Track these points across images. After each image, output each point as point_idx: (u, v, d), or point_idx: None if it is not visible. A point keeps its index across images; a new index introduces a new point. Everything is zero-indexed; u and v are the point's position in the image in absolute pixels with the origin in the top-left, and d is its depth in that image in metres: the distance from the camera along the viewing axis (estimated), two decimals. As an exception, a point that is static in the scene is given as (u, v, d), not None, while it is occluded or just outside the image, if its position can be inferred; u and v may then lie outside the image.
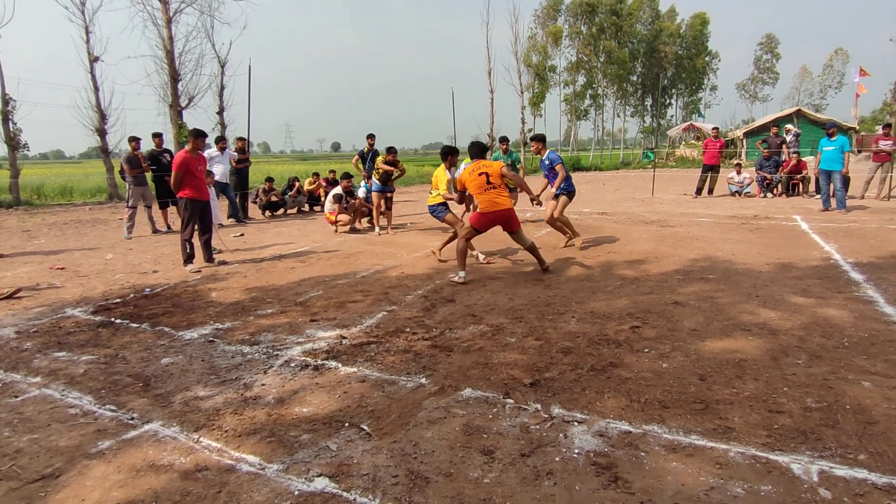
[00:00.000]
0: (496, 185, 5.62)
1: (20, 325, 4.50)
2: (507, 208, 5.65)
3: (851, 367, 3.21)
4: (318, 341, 3.94)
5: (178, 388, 3.19)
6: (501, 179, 5.66)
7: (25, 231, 10.36)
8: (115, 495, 2.18)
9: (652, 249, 7.02)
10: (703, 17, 45.53)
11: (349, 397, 3.02)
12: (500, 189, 5.65)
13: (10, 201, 15.09)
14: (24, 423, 2.82)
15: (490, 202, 5.62)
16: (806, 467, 2.23)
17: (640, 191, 15.89)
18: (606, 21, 37.98)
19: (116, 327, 4.41)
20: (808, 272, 5.58)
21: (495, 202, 5.62)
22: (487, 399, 2.95)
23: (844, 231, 8.05)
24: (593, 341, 3.76)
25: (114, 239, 9.16)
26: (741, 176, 13.85)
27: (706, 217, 10.05)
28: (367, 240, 8.47)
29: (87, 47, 16.42)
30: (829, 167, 10.42)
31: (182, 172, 6.26)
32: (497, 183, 5.63)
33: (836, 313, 4.23)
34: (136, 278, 6.15)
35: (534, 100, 33.87)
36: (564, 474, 2.23)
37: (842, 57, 53.97)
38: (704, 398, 2.88)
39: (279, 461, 2.39)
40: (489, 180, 5.62)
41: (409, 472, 2.28)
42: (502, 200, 5.64)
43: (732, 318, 4.17)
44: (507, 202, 5.67)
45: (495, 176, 5.65)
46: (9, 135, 15.29)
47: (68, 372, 3.48)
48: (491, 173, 5.65)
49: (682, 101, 49.54)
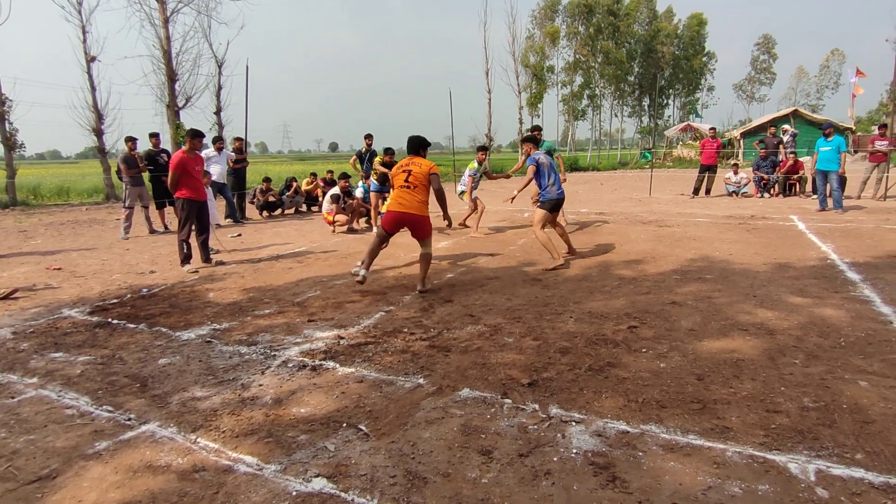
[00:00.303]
0: (413, 186, 5.20)
1: (17, 325, 4.48)
2: (410, 212, 5.19)
3: (848, 367, 3.22)
4: (315, 342, 3.93)
5: (175, 389, 3.19)
6: (425, 182, 5.21)
7: (22, 231, 10.32)
8: (112, 496, 2.17)
9: (649, 249, 7.03)
10: (700, 18, 45.65)
11: (347, 398, 3.01)
12: (416, 192, 5.20)
13: (7, 201, 15.05)
14: (20, 423, 2.81)
15: (396, 201, 5.26)
16: (803, 467, 2.24)
17: (638, 191, 15.91)
18: (604, 21, 38.05)
19: (113, 328, 4.39)
20: (805, 272, 5.59)
21: (401, 203, 5.21)
22: (485, 399, 2.95)
23: (841, 231, 8.08)
24: (591, 341, 3.77)
25: (111, 239, 9.14)
26: (738, 176, 13.88)
27: (703, 217, 10.07)
28: (365, 240, 8.45)
29: (83, 47, 16.39)
30: (826, 167, 10.46)
31: (179, 173, 6.24)
32: (415, 183, 5.20)
33: (832, 313, 4.24)
34: (134, 279, 6.14)
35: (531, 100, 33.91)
36: (562, 474, 2.24)
37: (838, 57, 54.21)
38: (702, 398, 2.88)
39: (277, 462, 2.39)
40: (408, 179, 5.22)
41: (406, 472, 2.28)
42: (410, 203, 5.18)
43: (730, 318, 4.18)
44: (416, 206, 5.19)
45: (417, 176, 5.22)
46: (5, 135, 15.25)
47: (65, 373, 3.47)
48: (414, 172, 5.23)
49: (679, 101, 49.65)
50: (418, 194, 5.21)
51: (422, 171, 5.22)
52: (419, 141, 5.50)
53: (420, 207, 5.21)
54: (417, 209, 5.20)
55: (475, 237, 8.46)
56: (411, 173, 5.23)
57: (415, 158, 5.36)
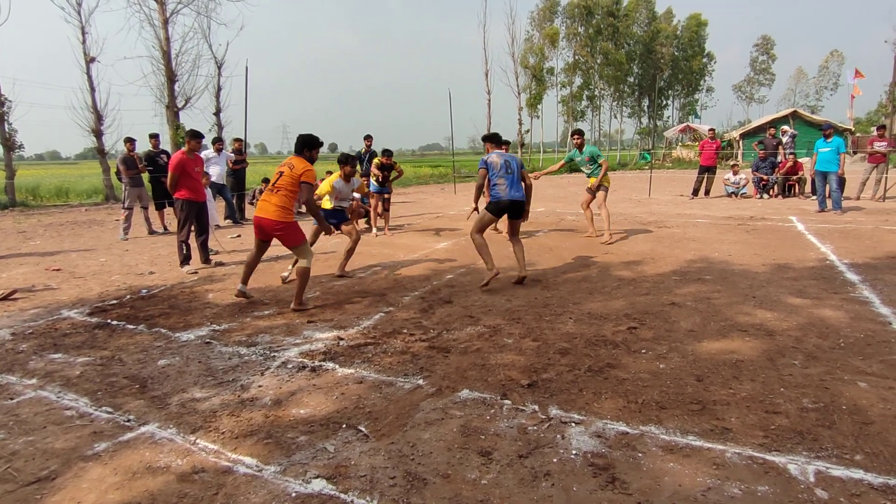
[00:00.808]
0: (276, 190, 4.74)
1: (16, 326, 4.48)
2: (265, 217, 4.74)
3: (847, 368, 3.22)
4: (315, 342, 3.93)
5: (174, 390, 3.18)
6: (293, 187, 4.72)
7: (21, 232, 10.31)
8: (111, 498, 2.17)
9: (649, 250, 7.03)
10: (698, 19, 45.75)
11: (346, 399, 3.01)
12: (278, 196, 4.73)
13: (6, 202, 15.04)
14: (19, 425, 2.80)
15: (258, 204, 4.87)
16: (802, 468, 2.24)
17: (637, 192, 15.93)
18: (603, 22, 38.11)
19: (113, 329, 4.39)
20: (804, 273, 5.60)
21: (260, 206, 4.81)
22: (485, 400, 2.95)
23: (840, 232, 8.09)
24: (590, 342, 3.77)
25: (110, 240, 9.13)
26: (737, 177, 13.90)
27: (703, 218, 10.08)
28: (365, 241, 8.46)
29: (83, 48, 16.42)
30: (825, 168, 10.47)
31: (178, 174, 6.24)
32: (280, 187, 4.73)
33: (832, 314, 4.24)
34: (133, 279, 6.13)
35: (531, 101, 33.96)
36: (562, 475, 2.24)
37: (837, 59, 54.35)
38: (701, 399, 2.88)
39: (276, 463, 2.39)
40: (276, 182, 4.79)
41: (406, 473, 2.28)
42: (266, 207, 4.75)
43: (729, 319, 4.18)
44: (272, 210, 4.72)
45: (286, 179, 4.73)
46: (4, 136, 15.25)
47: (64, 374, 3.46)
48: (285, 175, 4.75)
49: (678, 102, 49.75)
50: (280, 199, 4.72)
51: (293, 174, 4.72)
52: (303, 140, 4.93)
53: (277, 212, 4.71)
54: (273, 214, 4.70)
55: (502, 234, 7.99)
56: (282, 175, 4.78)
57: (293, 160, 4.85)
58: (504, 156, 5.53)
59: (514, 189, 5.41)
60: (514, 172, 5.45)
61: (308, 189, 4.70)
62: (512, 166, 5.45)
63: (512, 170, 5.44)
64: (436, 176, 25.98)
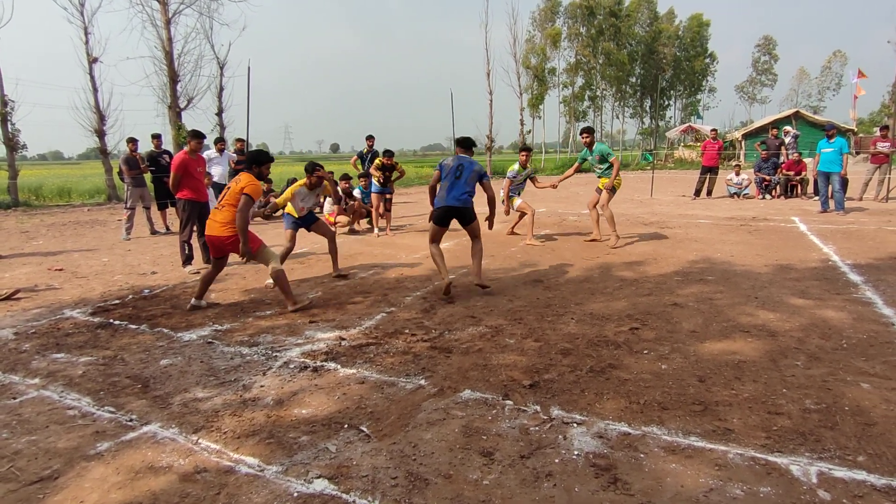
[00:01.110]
0: (222, 206, 4.67)
1: (18, 326, 4.49)
2: (211, 234, 4.69)
3: (850, 369, 3.22)
4: (317, 343, 3.94)
5: (176, 390, 3.19)
6: (235, 201, 4.59)
7: (24, 232, 10.34)
8: (113, 497, 2.17)
9: (651, 251, 7.02)
10: (700, 19, 45.69)
11: (348, 399, 3.01)
12: (223, 211, 4.65)
13: (9, 202, 15.08)
14: (22, 424, 2.81)
15: (207, 224, 4.80)
16: (805, 469, 2.24)
17: (639, 192, 15.90)
18: (605, 23, 38.08)
19: (115, 328, 4.40)
20: (806, 274, 5.59)
21: (209, 225, 4.74)
22: (487, 400, 2.94)
23: (843, 232, 8.07)
24: (592, 343, 3.77)
25: (112, 240, 9.15)
26: (740, 177, 13.88)
27: (705, 219, 10.07)
28: (366, 241, 8.47)
29: (86, 48, 16.45)
30: (828, 169, 10.46)
31: (181, 174, 6.25)
32: (226, 202, 4.65)
33: (834, 315, 4.23)
34: (135, 279, 6.14)
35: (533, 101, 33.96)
36: (564, 476, 2.23)
37: (840, 59, 54.28)
38: (703, 400, 2.88)
39: (278, 463, 2.39)
40: (222, 199, 4.71)
41: (408, 473, 2.28)
42: (212, 224, 4.70)
43: (731, 320, 4.18)
44: (216, 227, 4.66)
45: (231, 194, 4.65)
46: (7, 136, 15.29)
47: (67, 373, 3.47)
48: (232, 189, 4.66)
49: (680, 102, 49.69)
50: (224, 215, 4.64)
51: (236, 188, 4.62)
52: (252, 157, 4.91)
53: (223, 228, 4.63)
54: (219, 230, 4.65)
55: (530, 245, 7.67)
56: (228, 191, 4.70)
57: (241, 175, 4.75)
58: (460, 160, 5.25)
59: (452, 194, 5.15)
60: (462, 178, 5.13)
61: (245, 201, 4.54)
62: (463, 171, 5.15)
63: (460, 175, 5.14)
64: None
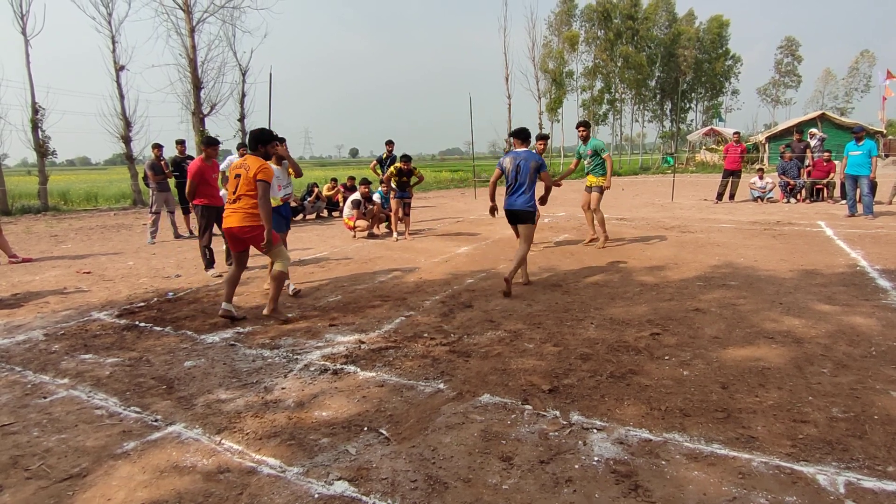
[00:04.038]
0: (239, 197, 4.52)
1: (48, 327, 4.62)
2: (236, 225, 4.54)
3: (879, 377, 3.14)
4: (337, 346, 3.97)
5: (200, 391, 3.25)
6: (252, 187, 4.46)
7: (53, 236, 10.63)
8: (139, 495, 2.22)
9: (672, 255, 6.94)
10: (720, 20, 45.02)
11: (368, 402, 3.04)
12: (242, 201, 4.51)
13: (39, 206, 15.53)
14: (52, 423, 2.89)
15: (225, 214, 4.64)
16: (832, 479, 2.19)
17: (660, 196, 15.73)
18: (622, 26, 37.77)
19: (141, 330, 4.50)
20: (833, 279, 5.46)
21: (227, 214, 4.59)
22: (506, 405, 2.94)
23: (871, 237, 7.87)
24: (612, 348, 3.73)
25: (138, 244, 9.36)
26: (763, 181, 13.63)
27: (727, 223, 9.91)
28: (386, 245, 8.52)
29: (113, 56, 16.89)
30: (856, 172, 10.21)
31: (198, 181, 6.37)
32: (242, 192, 4.50)
33: (862, 321, 4.13)
34: (160, 282, 6.27)
35: (551, 105, 33.84)
36: (584, 482, 2.22)
37: (868, 59, 52.97)
38: (726, 406, 2.83)
39: (299, 464, 2.42)
40: (237, 188, 4.53)
41: (427, 477, 2.28)
42: (233, 214, 4.55)
43: (755, 326, 4.11)
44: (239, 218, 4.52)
45: (244, 183, 4.49)
46: (38, 142, 15.75)
47: (94, 374, 3.56)
48: (243, 177, 4.50)
49: (702, 105, 48.98)
50: (242, 204, 4.52)
51: (248, 176, 4.48)
52: (255, 136, 4.67)
53: (244, 218, 4.53)
54: (240, 220, 4.53)
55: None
56: (240, 179, 4.53)
57: (248, 159, 4.57)
58: (517, 158, 5.37)
59: (513, 198, 5.37)
60: (521, 178, 5.32)
61: (263, 187, 4.44)
62: (521, 171, 5.32)
63: (520, 175, 5.32)
64: (456, 180, 26.03)
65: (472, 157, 22.59)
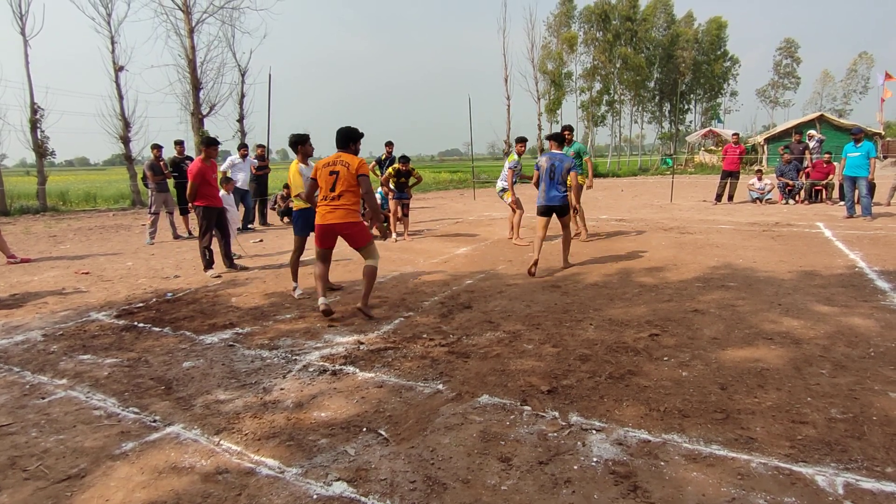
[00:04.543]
0: (339, 195, 4.56)
1: (47, 328, 4.61)
2: (337, 222, 4.60)
3: (878, 378, 3.14)
4: (336, 346, 3.97)
5: (199, 392, 3.24)
6: (354, 183, 4.55)
7: (52, 236, 10.62)
8: (138, 496, 2.22)
9: (671, 256, 6.94)
10: (719, 22, 45.06)
11: (367, 402, 3.03)
12: (344, 198, 4.56)
13: (38, 207, 15.51)
14: (50, 423, 2.89)
15: (321, 210, 4.66)
16: (831, 479, 2.19)
17: (659, 197, 15.74)
18: (621, 27, 37.78)
19: (139, 331, 4.49)
20: (832, 280, 5.47)
21: (325, 214, 4.63)
22: (505, 406, 2.94)
23: (870, 238, 7.88)
24: (611, 349, 3.74)
25: (137, 244, 9.35)
26: (762, 182, 13.65)
27: (726, 224, 9.92)
28: (385, 246, 8.51)
29: (112, 57, 16.88)
30: (855, 173, 10.22)
31: (199, 182, 6.37)
32: (344, 188, 4.55)
33: (861, 322, 4.14)
34: (159, 283, 6.26)
35: (550, 106, 33.86)
36: (583, 482, 2.22)
37: (866, 61, 53.05)
38: (725, 407, 2.84)
39: (298, 465, 2.41)
40: (334, 185, 4.56)
41: (426, 477, 2.28)
42: (334, 213, 4.59)
43: (754, 327, 4.11)
44: (341, 213, 4.59)
45: (345, 178, 4.53)
46: (37, 142, 15.74)
47: (93, 374, 3.55)
48: (342, 174, 4.53)
49: (701, 106, 49.00)
50: (346, 200, 4.58)
51: (350, 172, 4.54)
52: (347, 134, 4.71)
53: (348, 214, 4.59)
54: (344, 217, 4.58)
55: (519, 245, 8.09)
56: (338, 176, 4.56)
57: (342, 156, 4.65)
58: (552, 160, 6.27)
59: (549, 194, 6.27)
60: (556, 178, 6.23)
61: (366, 182, 4.60)
62: (555, 172, 6.23)
63: (553, 175, 6.23)
64: (455, 181, 26.04)
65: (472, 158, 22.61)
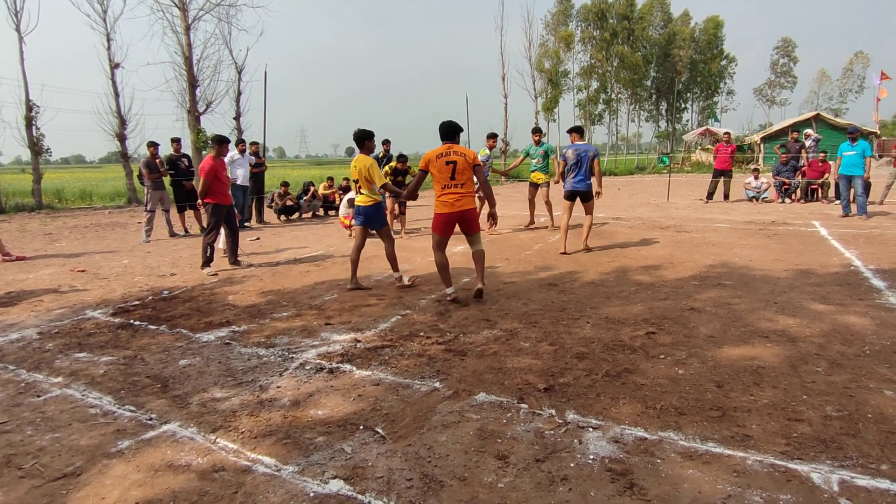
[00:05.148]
0: (464, 182, 4.89)
1: (42, 326, 4.59)
2: (470, 208, 4.96)
3: (873, 376, 3.15)
4: (332, 344, 3.97)
5: (195, 390, 3.24)
6: (471, 172, 4.91)
7: (47, 234, 10.57)
8: (134, 494, 2.21)
9: (667, 255, 6.96)
10: (716, 21, 45.11)
11: (364, 400, 3.03)
12: (468, 185, 4.91)
13: (33, 205, 15.43)
14: (46, 422, 2.87)
15: (447, 200, 4.92)
16: (826, 477, 2.20)
17: (656, 196, 15.77)
18: (618, 26, 37.79)
19: (135, 329, 4.48)
20: (827, 279, 5.49)
21: (453, 202, 4.90)
22: (501, 404, 2.94)
23: (865, 237, 7.92)
24: (608, 347, 3.74)
25: (132, 242, 9.31)
26: (759, 181, 13.68)
27: (723, 222, 9.94)
28: (381, 244, 8.49)
29: (108, 54, 16.80)
30: (851, 172, 10.26)
31: (211, 180, 6.38)
32: (466, 178, 4.89)
33: (856, 321, 4.15)
34: (155, 281, 6.25)
35: (547, 105, 33.86)
36: (579, 480, 2.22)
37: (862, 60, 53.23)
38: (721, 405, 2.84)
39: (294, 463, 2.41)
40: (454, 174, 4.85)
41: (423, 475, 2.28)
42: (463, 200, 4.90)
43: (750, 325, 4.12)
44: (469, 201, 4.93)
45: (463, 167, 4.86)
46: (32, 140, 15.65)
47: (89, 372, 3.54)
48: (460, 164, 4.83)
49: (697, 105, 49.08)
50: (469, 187, 4.93)
51: (467, 161, 4.86)
52: (452, 128, 5.01)
53: (471, 201, 4.97)
54: (472, 203, 4.98)
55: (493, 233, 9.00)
56: (456, 165, 4.84)
57: (455, 147, 4.95)
58: (578, 151, 6.99)
59: (576, 180, 7.05)
60: (582, 167, 6.99)
61: (482, 171, 4.97)
62: (582, 162, 6.98)
63: (580, 164, 6.98)
64: (452, 180, 25.91)
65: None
